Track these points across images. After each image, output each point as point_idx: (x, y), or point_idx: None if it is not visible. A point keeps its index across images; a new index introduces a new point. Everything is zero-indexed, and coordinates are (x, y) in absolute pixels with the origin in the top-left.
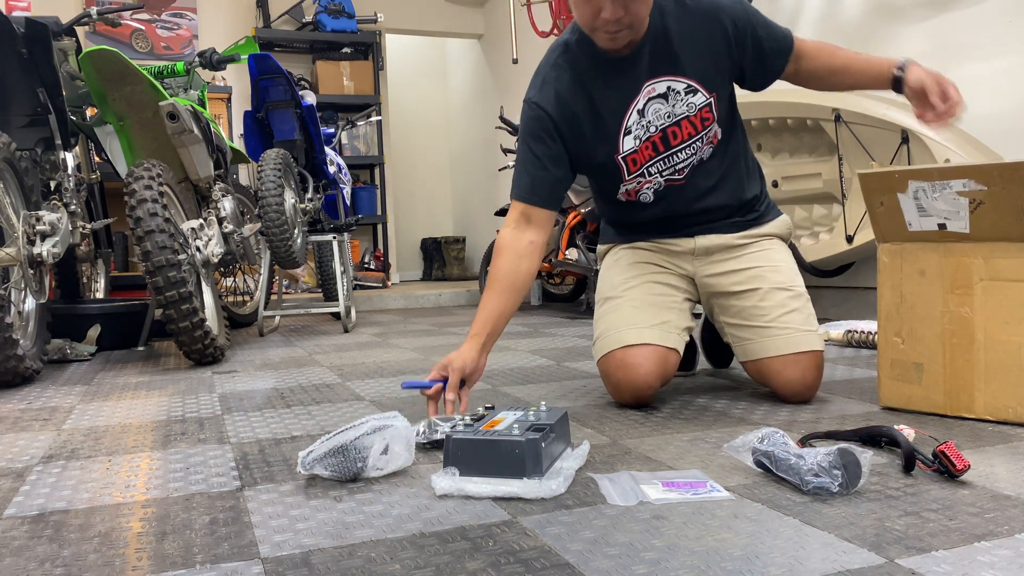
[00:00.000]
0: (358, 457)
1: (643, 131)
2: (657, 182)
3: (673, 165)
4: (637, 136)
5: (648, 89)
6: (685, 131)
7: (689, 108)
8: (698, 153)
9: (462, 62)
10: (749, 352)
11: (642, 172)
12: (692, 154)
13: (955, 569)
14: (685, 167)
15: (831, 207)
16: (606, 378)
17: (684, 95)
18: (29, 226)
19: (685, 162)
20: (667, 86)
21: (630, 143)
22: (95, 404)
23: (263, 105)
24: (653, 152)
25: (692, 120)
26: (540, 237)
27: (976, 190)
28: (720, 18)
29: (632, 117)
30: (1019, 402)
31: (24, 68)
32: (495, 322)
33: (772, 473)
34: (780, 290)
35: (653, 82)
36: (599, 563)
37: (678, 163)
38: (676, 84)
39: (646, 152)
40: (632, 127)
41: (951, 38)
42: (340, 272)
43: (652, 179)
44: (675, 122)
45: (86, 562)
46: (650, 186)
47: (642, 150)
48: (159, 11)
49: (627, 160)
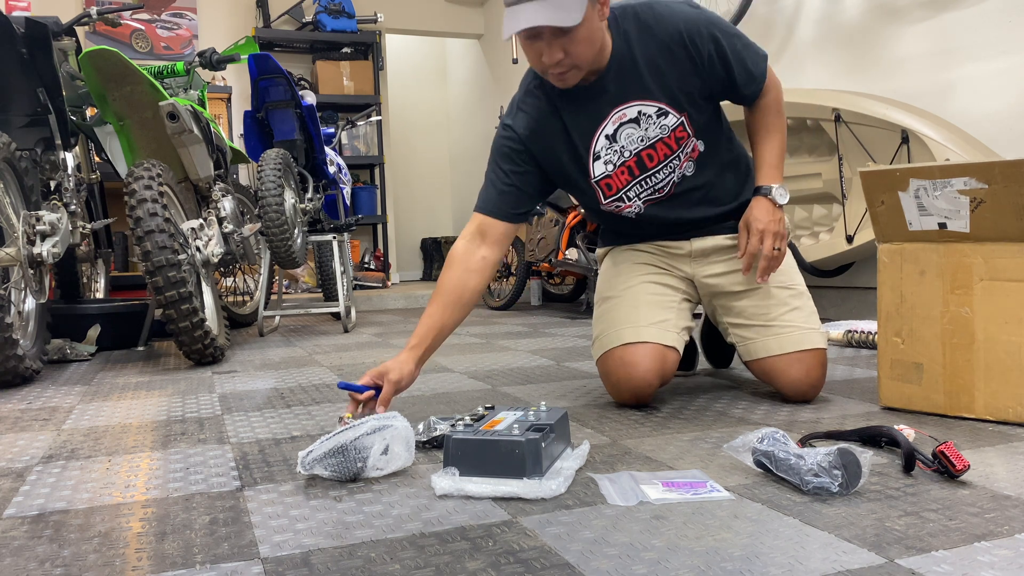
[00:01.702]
0: (358, 457)
1: (616, 156)
2: (637, 205)
3: (652, 186)
4: (609, 161)
5: (618, 115)
6: (661, 152)
7: (662, 130)
8: (677, 171)
9: (462, 62)
10: (753, 351)
11: (620, 196)
12: (670, 172)
13: (955, 569)
14: (665, 185)
15: (831, 207)
16: (605, 377)
17: (656, 118)
18: (29, 226)
19: (664, 181)
20: (637, 110)
21: (600, 168)
22: (95, 404)
23: (263, 105)
24: (629, 176)
25: (667, 141)
26: (493, 254)
27: (977, 188)
28: (682, 37)
29: (600, 142)
30: (1019, 402)
31: (24, 68)
32: (435, 336)
33: (772, 473)
34: (781, 288)
35: (623, 107)
36: (599, 563)
37: (657, 183)
38: (646, 108)
39: (622, 177)
40: (601, 152)
41: (951, 38)
42: (340, 272)
43: (632, 203)
44: (650, 145)
45: (86, 562)
46: (631, 210)
47: (617, 175)
48: (159, 11)
49: (600, 185)
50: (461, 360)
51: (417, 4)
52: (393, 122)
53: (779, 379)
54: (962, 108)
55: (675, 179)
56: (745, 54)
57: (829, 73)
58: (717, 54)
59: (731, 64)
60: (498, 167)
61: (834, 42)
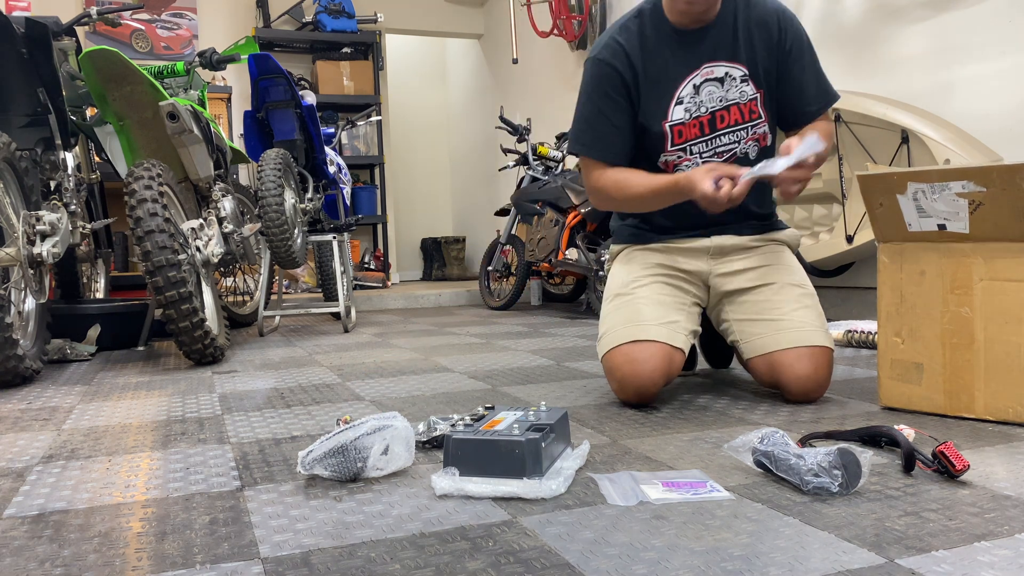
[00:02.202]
0: (358, 457)
1: (695, 108)
2: (696, 162)
3: (714, 148)
4: (688, 110)
5: (707, 70)
6: (732, 117)
7: (741, 96)
8: (741, 143)
9: (462, 62)
10: (760, 347)
11: (684, 147)
12: (735, 142)
13: (955, 569)
14: (726, 153)
15: (831, 207)
16: (610, 373)
17: (739, 83)
18: (29, 226)
19: (726, 147)
20: (725, 71)
21: (679, 113)
22: (95, 404)
23: (263, 105)
24: (699, 132)
25: (741, 108)
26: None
27: (975, 191)
28: (776, 18)
29: (687, 89)
30: (1019, 402)
31: (24, 68)
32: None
33: (772, 473)
34: (793, 286)
35: (712, 64)
36: (599, 563)
37: (719, 147)
38: (734, 71)
39: (693, 130)
40: (684, 99)
41: (951, 38)
42: (340, 272)
43: (692, 158)
44: (725, 107)
45: (86, 562)
46: (688, 164)
47: (690, 126)
48: (159, 11)
49: (673, 130)
50: (461, 360)
51: (417, 4)
52: (393, 122)
53: (785, 374)
54: (962, 108)
55: (736, 151)
56: (821, 71)
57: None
58: (796, 51)
59: (805, 69)
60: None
61: (834, 42)
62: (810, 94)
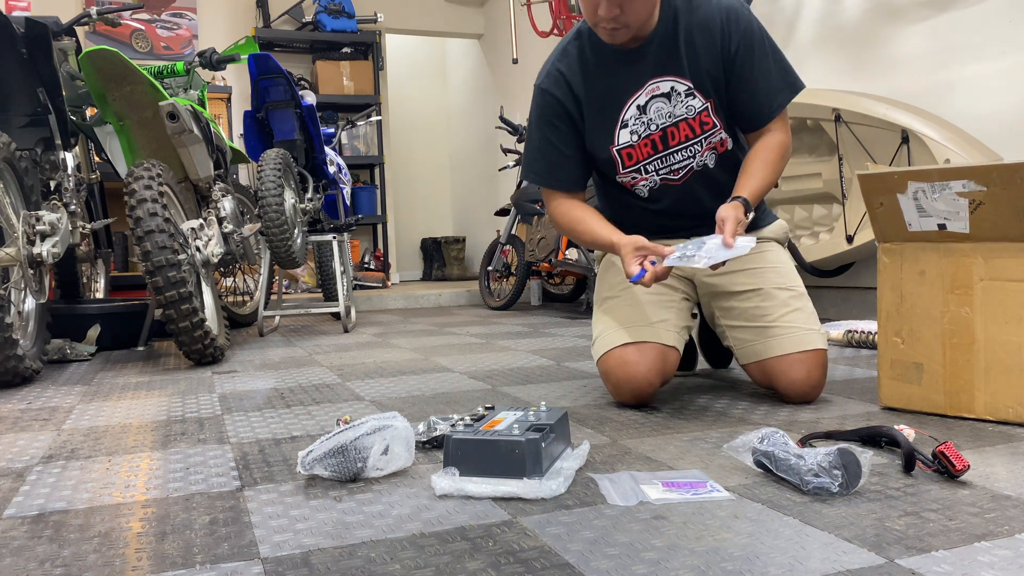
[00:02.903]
0: (358, 457)
1: (643, 128)
2: (653, 180)
3: (669, 165)
4: (635, 131)
5: (652, 87)
6: (683, 132)
7: (688, 110)
8: (697, 157)
9: (462, 62)
10: (752, 353)
11: (638, 167)
12: (689, 157)
13: (955, 569)
14: (681, 169)
15: (831, 207)
16: (606, 377)
17: (684, 97)
18: (29, 226)
19: (681, 164)
20: (671, 86)
21: (626, 137)
22: (95, 404)
23: (263, 105)
24: (652, 150)
25: (691, 123)
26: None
27: (976, 191)
28: (719, 22)
29: (630, 111)
30: (1019, 402)
31: (24, 68)
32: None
33: (772, 473)
34: (781, 290)
35: (657, 80)
36: (599, 563)
37: (674, 163)
38: (678, 85)
39: (645, 149)
40: (630, 122)
41: (951, 38)
42: (340, 272)
43: (648, 176)
44: (674, 123)
45: (86, 562)
46: (645, 183)
47: (639, 147)
48: (159, 11)
49: (622, 154)
50: (461, 360)
51: (417, 4)
52: (393, 122)
53: (780, 380)
54: (962, 108)
55: (693, 166)
56: (775, 66)
57: (829, 73)
58: (744, 53)
59: (756, 69)
60: (544, 137)
61: (834, 42)
62: (761, 99)
